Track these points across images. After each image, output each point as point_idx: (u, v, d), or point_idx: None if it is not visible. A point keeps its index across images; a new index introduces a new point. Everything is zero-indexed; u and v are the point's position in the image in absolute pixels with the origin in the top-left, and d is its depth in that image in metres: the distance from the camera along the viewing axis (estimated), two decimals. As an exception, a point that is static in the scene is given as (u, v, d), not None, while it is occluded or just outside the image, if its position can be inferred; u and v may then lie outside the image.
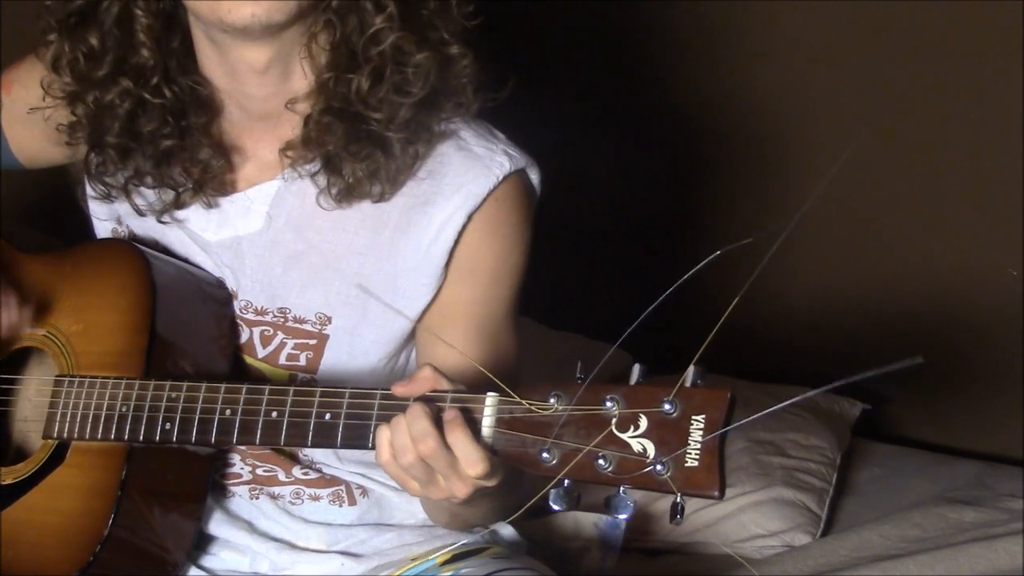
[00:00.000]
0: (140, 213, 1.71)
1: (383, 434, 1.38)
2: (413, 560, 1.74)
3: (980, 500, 2.42)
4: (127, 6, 1.62)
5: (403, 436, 1.37)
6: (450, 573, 1.70)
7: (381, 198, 1.63)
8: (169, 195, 1.69)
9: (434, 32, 1.60)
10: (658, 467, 1.20)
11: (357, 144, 1.60)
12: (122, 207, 1.75)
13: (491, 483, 1.38)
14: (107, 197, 1.72)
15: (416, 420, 1.36)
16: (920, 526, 2.33)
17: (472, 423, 1.35)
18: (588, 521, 2.28)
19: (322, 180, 1.63)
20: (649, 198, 3.06)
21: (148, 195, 1.71)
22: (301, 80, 1.64)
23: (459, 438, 1.35)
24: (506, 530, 1.81)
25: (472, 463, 1.35)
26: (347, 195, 1.63)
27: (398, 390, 1.41)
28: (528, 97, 1.68)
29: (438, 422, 1.36)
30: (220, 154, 1.68)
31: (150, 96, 1.63)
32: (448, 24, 1.61)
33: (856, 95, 2.86)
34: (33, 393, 1.72)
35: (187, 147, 1.66)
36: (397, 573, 1.73)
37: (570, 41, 2.97)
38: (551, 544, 2.17)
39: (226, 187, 1.69)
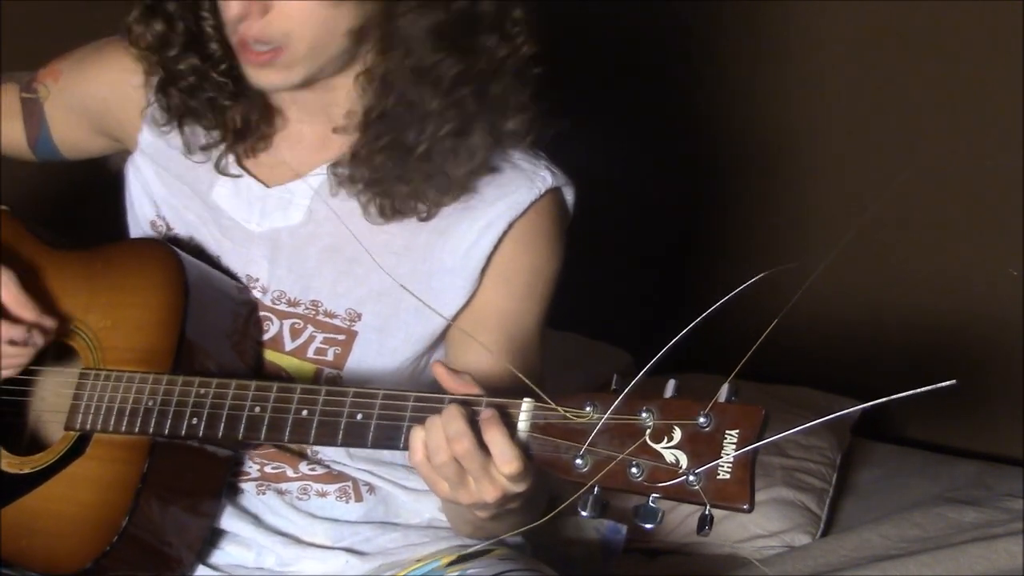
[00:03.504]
0: (189, 150, 1.74)
1: (417, 434, 1.39)
2: (418, 561, 1.75)
3: (980, 500, 2.43)
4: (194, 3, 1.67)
5: (438, 435, 1.37)
6: (456, 574, 1.71)
7: (428, 217, 1.66)
8: (216, 136, 1.72)
9: (494, 100, 1.62)
10: (690, 478, 1.21)
11: (408, 176, 1.63)
12: (162, 193, 1.77)
13: (520, 487, 1.38)
14: (166, 124, 1.74)
15: (452, 420, 1.37)
16: (920, 526, 2.34)
17: (508, 425, 1.36)
18: (590, 526, 2.30)
19: (365, 198, 1.66)
20: (651, 200, 3.07)
21: (200, 136, 1.74)
22: (345, 95, 1.66)
23: (496, 435, 1.35)
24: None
25: (506, 461, 1.35)
26: (391, 215, 1.66)
27: (438, 369, 1.42)
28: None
29: (473, 424, 1.37)
30: (268, 112, 1.72)
31: (217, 75, 1.67)
32: (510, 90, 1.63)
33: (869, 104, 2.87)
34: (53, 385, 1.72)
35: (242, 104, 1.70)
36: (402, 573, 1.74)
37: (582, 45, 2.98)
38: (554, 547, 2.19)
39: (268, 141, 1.73)
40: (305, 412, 1.47)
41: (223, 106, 1.70)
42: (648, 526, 1.24)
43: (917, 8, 2.76)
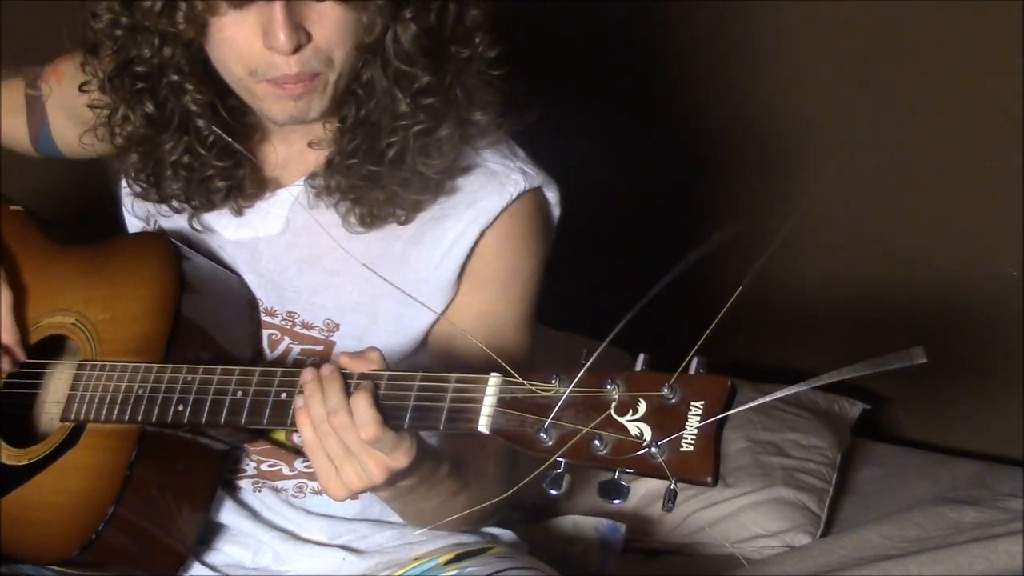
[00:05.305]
0: (176, 210, 1.73)
1: (303, 415, 1.42)
2: (416, 559, 1.75)
3: (980, 500, 2.43)
4: (180, 84, 1.62)
5: (319, 410, 1.40)
6: (454, 572, 1.72)
7: (406, 220, 1.66)
8: (203, 201, 1.71)
9: (461, 98, 1.62)
10: (653, 450, 1.20)
11: (383, 181, 1.63)
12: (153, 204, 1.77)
13: (399, 464, 1.40)
14: (143, 196, 1.74)
15: (332, 394, 1.40)
16: (920, 526, 2.34)
17: (376, 394, 1.39)
18: (588, 525, 2.30)
19: (343, 208, 1.66)
20: (651, 199, 3.07)
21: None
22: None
23: (358, 400, 1.38)
24: (506, 534, 1.83)
25: (363, 424, 1.37)
26: (371, 222, 1.65)
27: (344, 360, 1.43)
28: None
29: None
30: (255, 169, 1.71)
31: (206, 152, 1.66)
32: (475, 89, 1.63)
33: (862, 97, 2.86)
34: (56, 378, 1.75)
35: (231, 170, 1.69)
36: (400, 572, 1.75)
37: (570, 43, 2.99)
38: (552, 548, 2.19)
39: (256, 194, 1.72)
40: (284, 395, 1.48)
41: (217, 187, 1.69)
42: (615, 501, 1.22)
43: (916, 7, 2.76)
